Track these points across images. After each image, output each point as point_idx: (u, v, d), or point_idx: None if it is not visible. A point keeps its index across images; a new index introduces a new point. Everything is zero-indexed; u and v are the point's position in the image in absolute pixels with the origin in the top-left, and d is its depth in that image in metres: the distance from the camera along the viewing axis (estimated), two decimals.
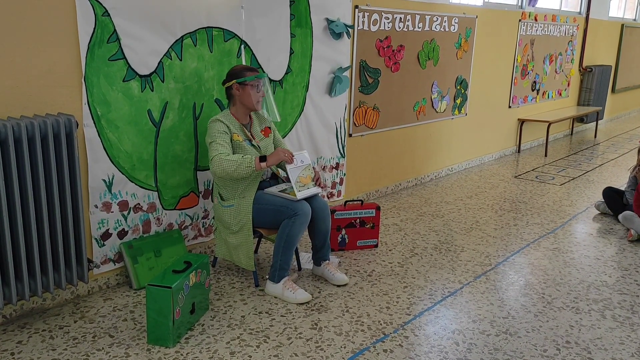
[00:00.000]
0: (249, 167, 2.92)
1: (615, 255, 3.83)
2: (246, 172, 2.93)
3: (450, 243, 3.98)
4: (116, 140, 3.01)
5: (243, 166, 2.92)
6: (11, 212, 2.49)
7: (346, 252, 3.77)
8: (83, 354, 2.51)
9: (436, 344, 2.66)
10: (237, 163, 2.92)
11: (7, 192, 2.46)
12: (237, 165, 2.92)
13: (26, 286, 2.60)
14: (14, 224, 2.51)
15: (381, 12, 4.54)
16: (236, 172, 2.93)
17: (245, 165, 2.92)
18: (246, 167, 2.92)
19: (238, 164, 2.92)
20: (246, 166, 2.92)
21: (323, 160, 4.36)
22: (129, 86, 3.00)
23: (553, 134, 7.85)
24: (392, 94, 4.89)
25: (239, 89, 3.11)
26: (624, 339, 2.74)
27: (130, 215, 3.15)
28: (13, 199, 2.47)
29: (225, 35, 3.42)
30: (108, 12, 2.84)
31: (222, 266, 3.49)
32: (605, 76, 8.64)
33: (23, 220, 2.54)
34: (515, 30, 6.47)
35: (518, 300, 3.13)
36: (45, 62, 2.67)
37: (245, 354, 2.54)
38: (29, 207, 2.52)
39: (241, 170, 2.93)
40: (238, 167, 2.92)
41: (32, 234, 2.56)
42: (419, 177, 5.52)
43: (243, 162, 2.92)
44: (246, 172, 2.94)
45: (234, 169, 2.92)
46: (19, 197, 2.49)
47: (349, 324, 2.82)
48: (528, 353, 2.60)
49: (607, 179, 5.86)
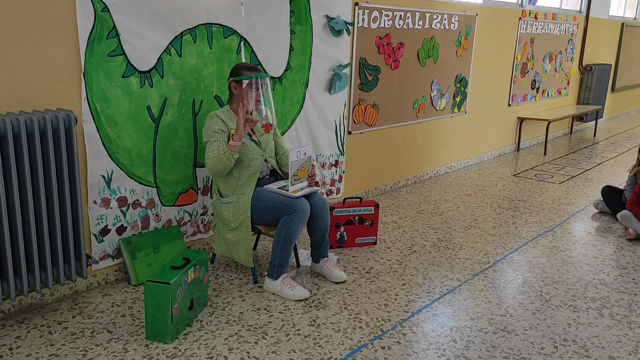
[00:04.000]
0: (225, 153, 2.94)
1: (614, 253, 3.84)
2: (227, 158, 2.95)
3: (448, 241, 3.98)
4: (115, 136, 3.01)
5: (223, 157, 2.94)
6: (10, 207, 2.49)
7: (345, 249, 3.78)
8: (81, 350, 2.51)
9: (434, 341, 2.67)
10: (217, 158, 2.95)
11: (6, 188, 2.46)
12: (218, 160, 2.95)
13: (25, 281, 2.61)
14: (12, 219, 2.51)
15: (381, 10, 4.54)
16: (222, 164, 2.96)
17: (222, 153, 2.94)
18: (223, 154, 2.94)
19: (218, 158, 2.94)
20: (223, 154, 2.94)
21: (322, 157, 4.36)
22: (128, 82, 3.00)
23: (552, 132, 7.86)
24: (392, 92, 4.89)
25: (236, 88, 3.11)
26: (622, 337, 2.75)
27: (129, 211, 3.16)
28: (12, 194, 2.47)
29: (225, 31, 3.42)
30: (108, 7, 2.84)
31: (220, 262, 3.50)
32: (605, 75, 8.64)
33: (22, 216, 2.54)
34: (515, 28, 6.46)
35: (516, 298, 3.14)
36: (44, 57, 2.67)
37: (243, 350, 2.54)
38: (27, 203, 2.52)
39: (224, 160, 2.95)
40: (219, 160, 2.95)
41: (30, 230, 2.56)
42: (418, 175, 5.52)
43: (220, 153, 2.94)
44: (228, 158, 2.95)
45: (219, 164, 2.95)
46: (18, 193, 2.49)
47: (347, 321, 2.83)
48: (525, 351, 2.61)
49: (606, 177, 5.87)
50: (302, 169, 3.13)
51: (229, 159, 2.95)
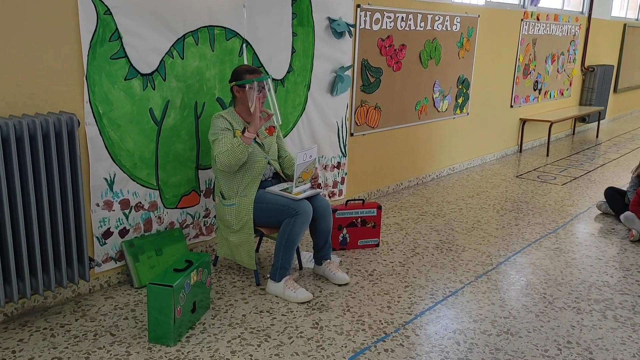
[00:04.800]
0: (239, 145, 2.93)
1: (617, 255, 3.83)
2: (241, 151, 2.94)
3: (451, 243, 3.98)
4: (118, 139, 3.01)
5: (237, 149, 2.93)
6: (13, 210, 2.49)
7: (347, 251, 3.77)
8: (84, 353, 2.51)
9: (437, 343, 2.66)
10: (230, 151, 2.94)
11: (9, 191, 2.47)
12: (232, 152, 2.93)
13: (27, 284, 2.61)
14: (15, 222, 2.51)
15: (383, 11, 4.54)
16: (236, 158, 2.94)
17: (237, 146, 2.93)
18: (238, 147, 2.93)
19: (232, 151, 2.93)
20: (237, 146, 2.93)
21: (325, 159, 4.35)
22: (130, 85, 3.00)
23: (555, 133, 7.85)
24: (394, 93, 4.89)
25: (238, 91, 3.11)
26: (625, 339, 2.74)
27: (131, 213, 3.16)
28: (15, 197, 2.47)
29: (227, 34, 3.42)
30: (110, 10, 2.84)
31: (223, 265, 3.49)
32: (607, 76, 8.63)
33: (25, 219, 2.54)
34: (517, 29, 6.46)
35: (519, 300, 3.13)
36: (47, 60, 2.67)
37: (246, 352, 2.54)
38: (30, 206, 2.53)
39: (238, 153, 2.94)
40: (233, 153, 2.93)
41: (33, 233, 2.56)
42: (421, 177, 5.52)
43: (234, 146, 2.94)
44: (242, 151, 2.94)
45: (232, 158, 2.94)
46: (21, 196, 2.49)
47: (350, 323, 2.82)
48: (529, 353, 2.60)
49: (609, 179, 5.85)
50: (306, 171, 3.13)
51: (243, 151, 2.94)
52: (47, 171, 2.57)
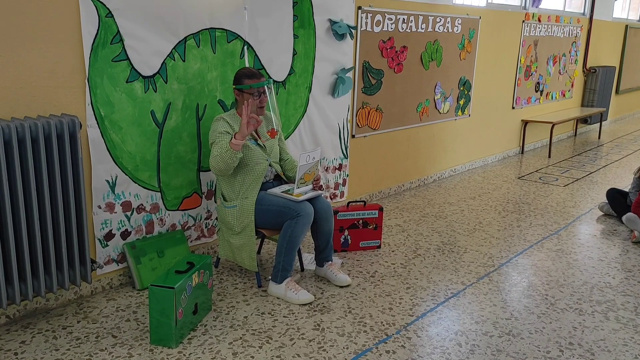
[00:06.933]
0: (227, 151, 2.90)
1: (619, 256, 3.82)
2: (229, 156, 2.90)
3: (453, 244, 3.97)
4: (119, 141, 3.01)
5: (225, 155, 2.90)
6: (15, 212, 2.50)
7: (349, 253, 3.77)
8: (86, 354, 2.51)
9: (439, 345, 2.66)
10: (219, 156, 2.92)
11: (11, 193, 2.47)
12: (221, 158, 2.91)
13: (29, 286, 2.61)
14: (17, 224, 2.51)
15: (384, 13, 4.54)
16: (225, 163, 2.92)
17: (225, 152, 2.90)
18: (226, 152, 2.90)
19: (221, 156, 2.91)
20: (225, 152, 2.90)
21: (326, 161, 4.36)
22: (132, 87, 3.01)
23: (557, 135, 7.84)
24: (395, 95, 4.89)
25: (239, 95, 3.12)
26: (628, 341, 2.74)
27: (133, 215, 3.16)
28: (17, 199, 2.48)
29: (229, 36, 3.43)
30: (111, 13, 2.85)
31: (224, 267, 3.50)
32: (609, 77, 8.62)
33: (27, 221, 2.55)
34: (518, 31, 6.46)
35: (521, 301, 3.12)
36: (48, 63, 2.68)
37: (247, 354, 2.54)
38: (32, 208, 2.53)
39: (227, 159, 2.91)
40: (222, 159, 2.91)
41: (35, 235, 2.57)
42: (422, 178, 5.52)
43: (223, 151, 2.91)
44: (230, 157, 2.91)
45: (221, 163, 2.92)
46: (23, 198, 2.50)
47: (351, 325, 2.82)
48: (531, 355, 2.60)
49: (611, 180, 5.84)
50: (308, 172, 3.13)
51: (232, 157, 2.92)
52: (49, 173, 2.58)
